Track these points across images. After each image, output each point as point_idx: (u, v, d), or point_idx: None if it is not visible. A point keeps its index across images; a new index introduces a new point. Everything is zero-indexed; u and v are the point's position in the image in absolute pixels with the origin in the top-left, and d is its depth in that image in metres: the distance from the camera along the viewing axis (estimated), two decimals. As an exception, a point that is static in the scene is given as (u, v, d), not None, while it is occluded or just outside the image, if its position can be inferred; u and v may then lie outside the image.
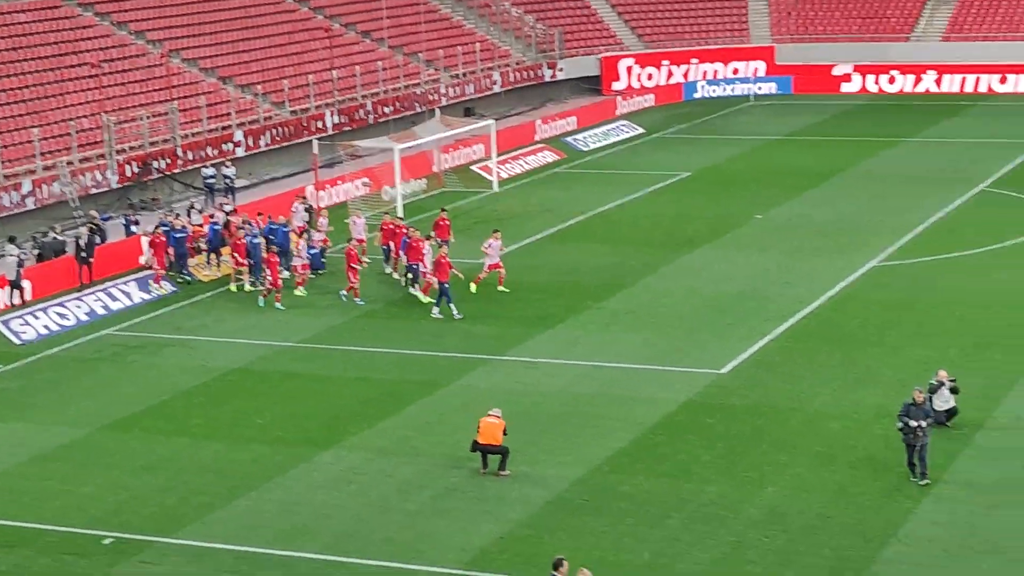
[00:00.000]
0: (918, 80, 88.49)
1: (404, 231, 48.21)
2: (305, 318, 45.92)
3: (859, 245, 51.77)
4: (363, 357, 42.03)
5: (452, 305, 44.44)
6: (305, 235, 51.30)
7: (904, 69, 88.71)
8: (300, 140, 68.68)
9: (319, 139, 64.53)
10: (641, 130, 79.85)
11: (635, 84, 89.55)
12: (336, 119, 71.09)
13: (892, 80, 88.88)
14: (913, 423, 30.41)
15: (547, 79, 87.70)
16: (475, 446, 32.58)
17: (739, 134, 77.58)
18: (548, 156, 72.51)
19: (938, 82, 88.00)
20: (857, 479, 31.69)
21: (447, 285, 44.61)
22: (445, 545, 29.41)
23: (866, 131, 76.48)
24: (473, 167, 68.59)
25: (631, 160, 71.81)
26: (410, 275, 47.24)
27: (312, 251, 49.86)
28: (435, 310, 44.88)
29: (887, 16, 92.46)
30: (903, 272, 48.27)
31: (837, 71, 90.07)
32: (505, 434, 32.38)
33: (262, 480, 33.05)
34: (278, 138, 68.26)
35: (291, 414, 37.49)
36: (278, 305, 46.50)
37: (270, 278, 46.68)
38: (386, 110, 73.98)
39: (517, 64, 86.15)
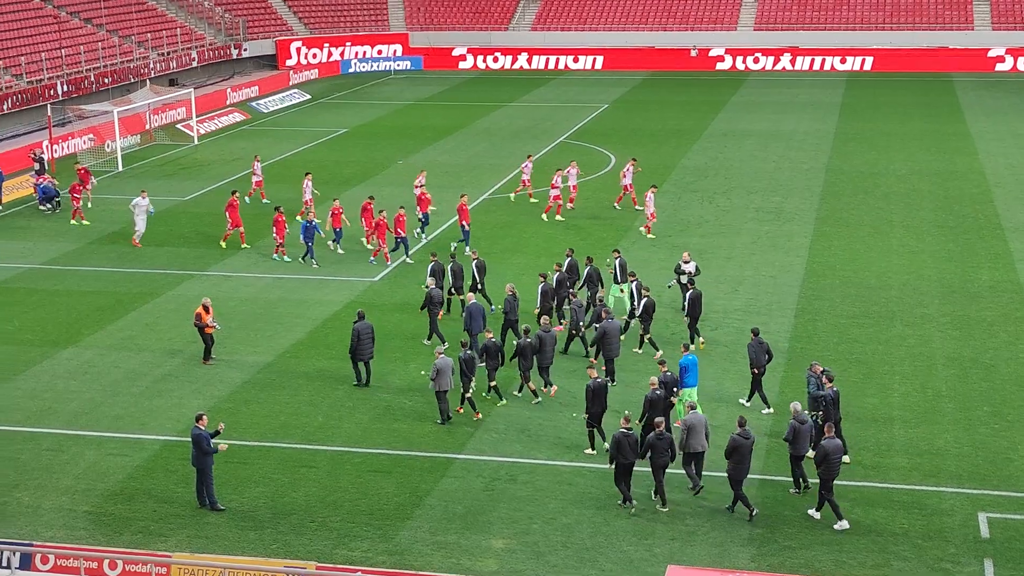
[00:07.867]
0: (514, 60, 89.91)
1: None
2: (44, 244, 43.83)
3: (476, 182, 52.28)
4: (94, 275, 40.30)
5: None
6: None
7: (504, 51, 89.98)
8: (36, 105, 64.93)
9: (52, 104, 62.27)
10: (308, 96, 78.78)
11: (303, 61, 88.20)
12: (65, 88, 67.45)
13: (496, 59, 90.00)
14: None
15: (234, 57, 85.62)
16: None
17: (383, 100, 77.32)
18: (237, 117, 70.97)
19: (529, 61, 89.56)
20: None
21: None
22: (163, 418, 28.76)
23: (479, 98, 77.19)
24: (178, 126, 66.69)
25: (301, 120, 70.80)
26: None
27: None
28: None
29: (490, 11, 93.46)
30: (504, 202, 49.05)
31: (456, 52, 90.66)
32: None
33: (12, 374, 31.55)
34: (17, 103, 64.38)
35: (36, 321, 35.82)
36: None
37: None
38: (106, 80, 70.69)
39: (210, 45, 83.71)
